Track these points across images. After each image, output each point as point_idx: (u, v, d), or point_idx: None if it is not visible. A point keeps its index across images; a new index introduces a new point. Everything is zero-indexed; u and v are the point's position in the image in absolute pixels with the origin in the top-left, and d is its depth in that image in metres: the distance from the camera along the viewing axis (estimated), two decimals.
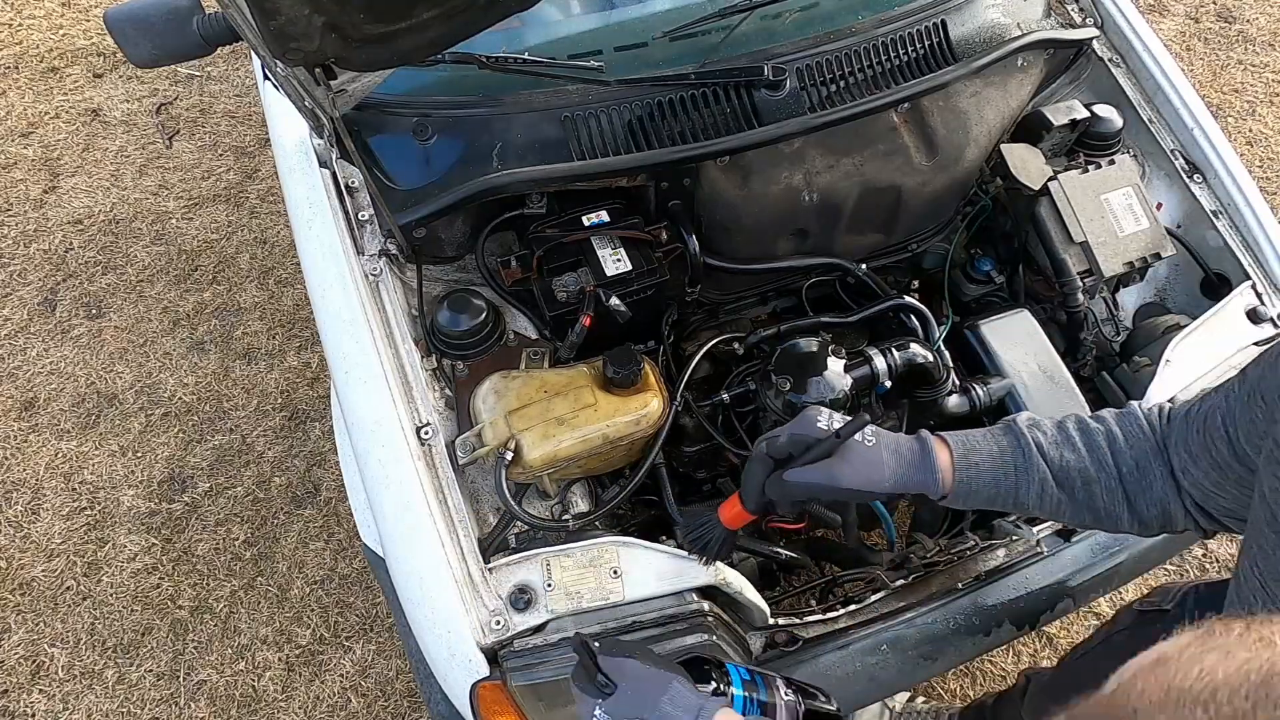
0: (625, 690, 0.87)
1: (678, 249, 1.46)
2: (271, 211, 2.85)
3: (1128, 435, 0.91)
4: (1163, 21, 3.48)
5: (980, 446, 0.95)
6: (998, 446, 0.95)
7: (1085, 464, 0.91)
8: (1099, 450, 0.91)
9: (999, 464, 0.93)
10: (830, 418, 0.97)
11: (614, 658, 0.89)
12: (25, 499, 2.25)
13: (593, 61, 1.36)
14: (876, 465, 0.94)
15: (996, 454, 0.94)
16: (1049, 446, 0.93)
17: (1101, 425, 0.93)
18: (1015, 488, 0.93)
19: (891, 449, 0.96)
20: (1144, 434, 0.90)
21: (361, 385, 1.25)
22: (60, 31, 3.38)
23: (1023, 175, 1.55)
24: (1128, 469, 0.90)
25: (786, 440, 0.96)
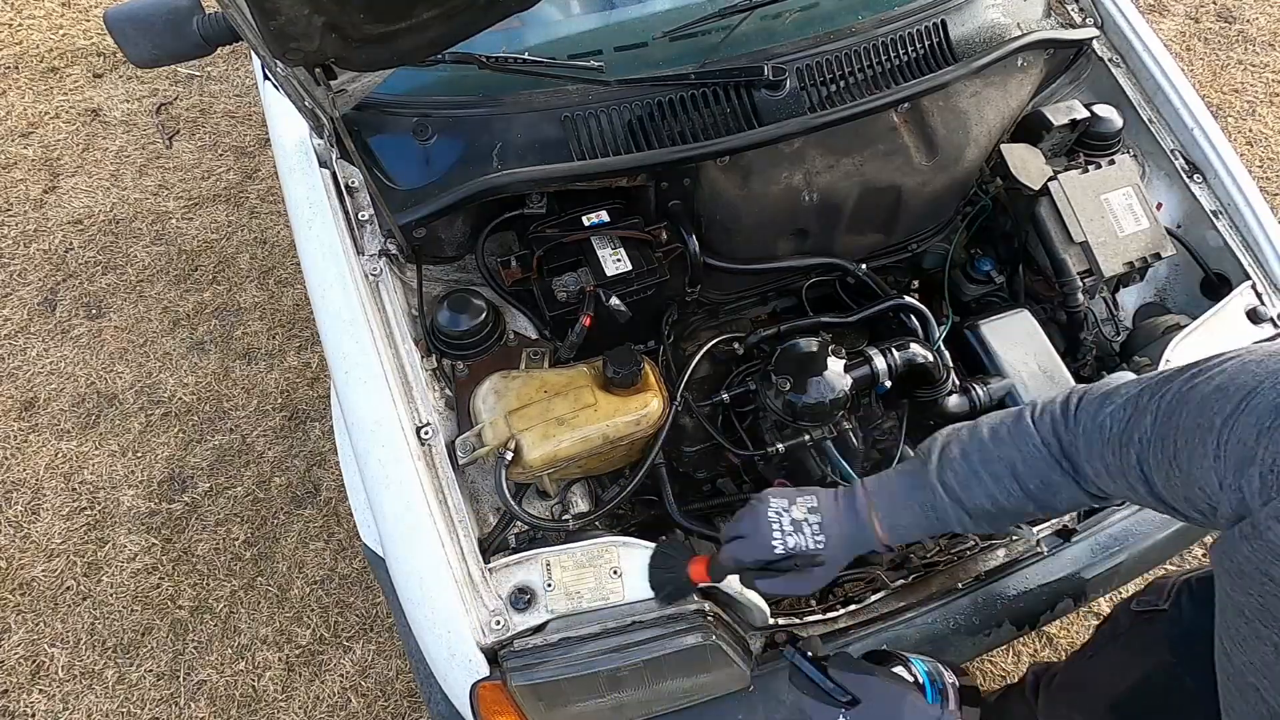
0: (869, 705, 0.96)
1: (678, 249, 1.46)
2: (271, 211, 2.85)
3: (1026, 458, 0.95)
4: (1163, 21, 3.48)
5: (900, 506, 1.01)
6: (916, 502, 1.01)
7: (994, 494, 0.96)
8: (1002, 480, 0.96)
9: (920, 517, 1.00)
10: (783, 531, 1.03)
11: (854, 674, 0.98)
12: (25, 499, 2.25)
13: (593, 61, 1.36)
14: (832, 564, 1.03)
15: (916, 511, 1.00)
16: (959, 487, 0.98)
17: (1000, 450, 0.97)
18: (945, 527, 1.00)
19: (838, 539, 1.03)
20: (1039, 453, 0.94)
21: (361, 385, 1.25)
22: (60, 31, 3.38)
23: (1023, 175, 1.55)
24: (1035, 487, 0.94)
25: (752, 560, 1.05)
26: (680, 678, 1.18)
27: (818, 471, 1.44)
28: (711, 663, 1.18)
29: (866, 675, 0.98)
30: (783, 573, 1.05)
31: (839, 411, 1.38)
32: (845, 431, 1.41)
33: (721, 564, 1.09)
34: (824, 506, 1.05)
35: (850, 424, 1.43)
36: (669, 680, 1.17)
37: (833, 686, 0.97)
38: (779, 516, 1.04)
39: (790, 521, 1.04)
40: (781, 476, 1.49)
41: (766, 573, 1.05)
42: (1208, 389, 0.76)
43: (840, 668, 1.00)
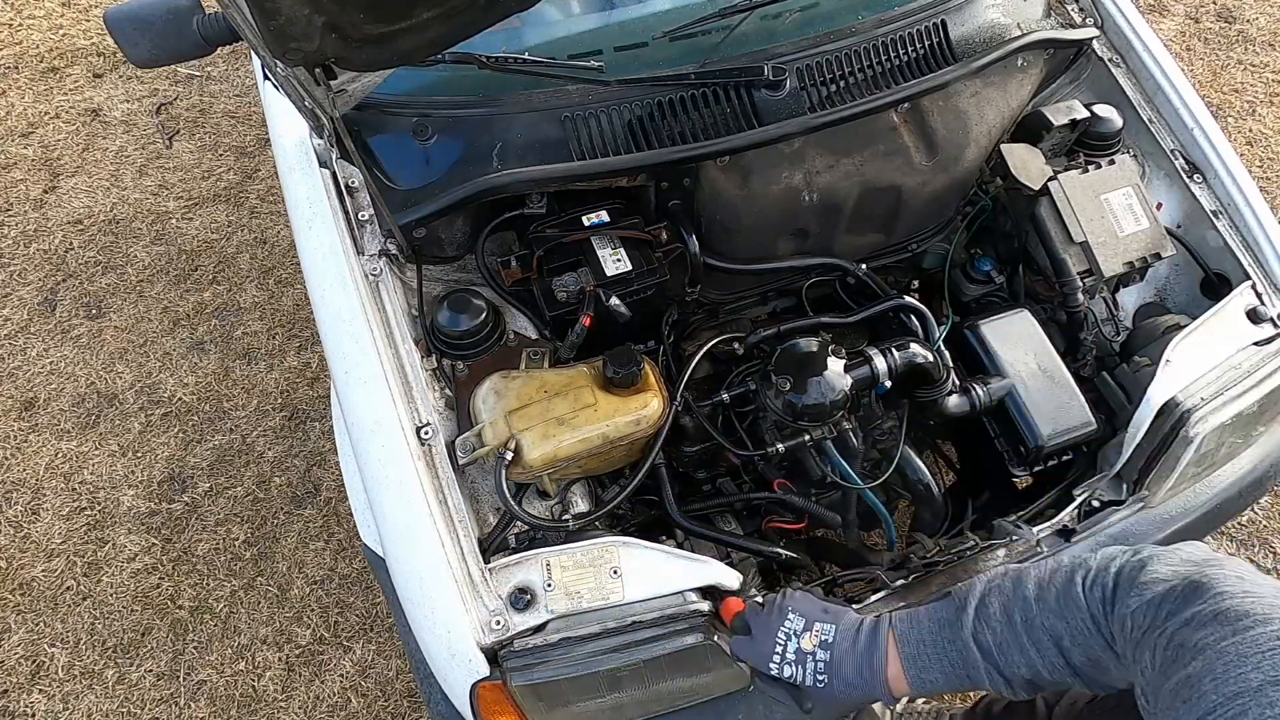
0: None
1: (678, 249, 1.46)
2: (271, 211, 2.85)
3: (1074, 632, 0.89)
4: (1163, 21, 3.48)
5: (931, 660, 0.97)
6: (949, 660, 0.96)
7: (1035, 665, 0.91)
8: (1046, 650, 0.90)
9: (952, 676, 0.96)
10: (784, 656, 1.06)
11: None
12: (25, 499, 2.25)
13: (593, 61, 1.36)
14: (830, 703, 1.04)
15: (948, 668, 0.96)
16: (996, 652, 0.93)
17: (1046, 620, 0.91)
18: (976, 687, 0.96)
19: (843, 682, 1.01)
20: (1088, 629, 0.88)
21: (361, 385, 1.25)
22: (60, 31, 3.38)
23: (1023, 175, 1.55)
24: (1081, 664, 0.89)
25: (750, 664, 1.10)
26: (680, 678, 1.18)
27: (817, 471, 1.44)
28: (711, 663, 1.18)
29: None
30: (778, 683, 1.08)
31: (839, 411, 1.38)
32: (845, 431, 1.41)
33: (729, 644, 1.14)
34: (838, 645, 1.03)
35: (850, 424, 1.43)
36: (669, 680, 1.17)
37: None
38: (786, 640, 1.06)
39: (795, 650, 1.05)
40: (781, 476, 1.49)
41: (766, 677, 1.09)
42: (1192, 669, 0.72)
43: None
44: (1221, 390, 1.38)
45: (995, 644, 0.93)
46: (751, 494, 1.49)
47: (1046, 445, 1.43)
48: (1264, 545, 2.20)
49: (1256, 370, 1.42)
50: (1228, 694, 0.68)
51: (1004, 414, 1.49)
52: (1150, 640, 0.79)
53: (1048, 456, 1.48)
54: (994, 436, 1.53)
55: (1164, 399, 1.36)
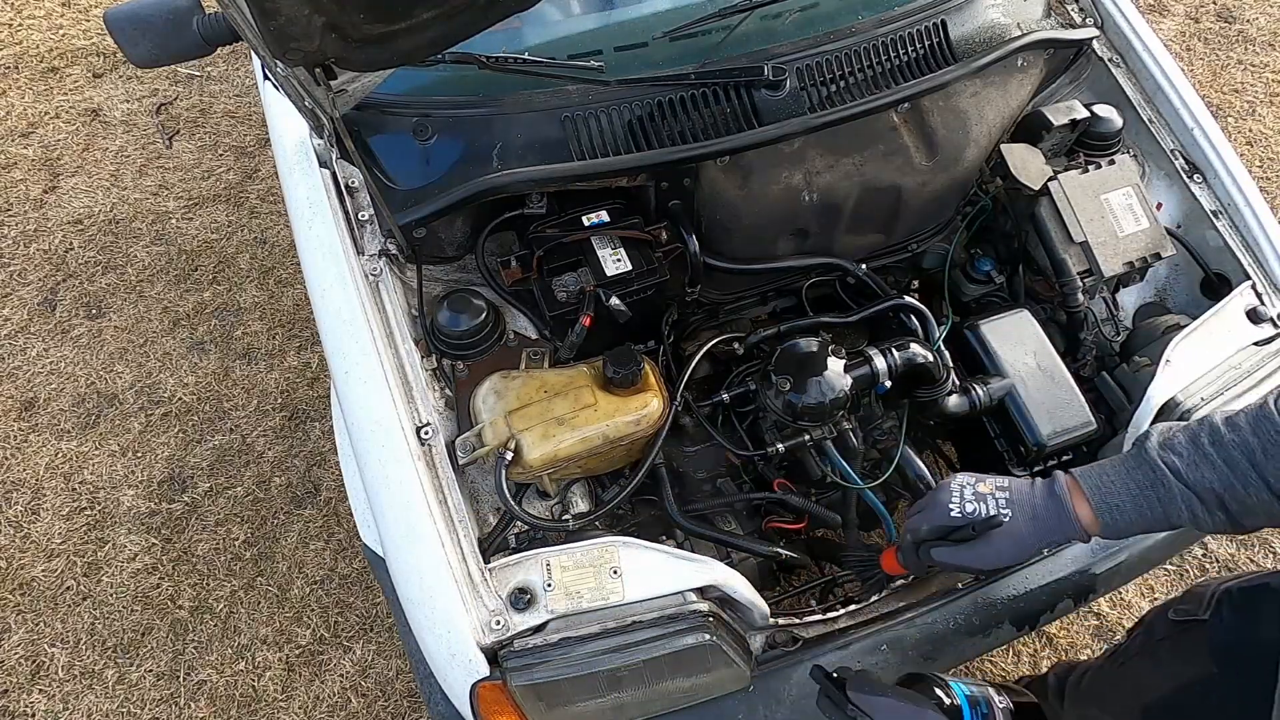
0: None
1: (678, 249, 1.46)
2: (271, 211, 2.85)
3: (1266, 445, 0.86)
4: (1163, 21, 3.48)
5: (1116, 486, 0.94)
6: (1134, 483, 0.93)
7: (1231, 481, 0.87)
8: (1238, 465, 0.87)
9: (1140, 500, 0.92)
10: (963, 499, 1.00)
11: (867, 695, 0.95)
12: (25, 499, 2.25)
13: (593, 61, 1.36)
14: (1017, 539, 0.97)
15: (1135, 491, 0.93)
16: (1186, 469, 0.90)
17: (1236, 435, 0.88)
18: (1165, 517, 0.92)
19: (1028, 515, 0.97)
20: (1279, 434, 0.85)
21: (361, 385, 1.25)
22: (60, 31, 3.38)
23: (1023, 175, 1.55)
24: (1274, 478, 0.86)
25: (928, 529, 1.03)
26: (680, 678, 1.18)
27: (817, 471, 1.44)
28: (711, 663, 1.18)
29: (879, 696, 0.96)
30: (963, 542, 1.01)
31: (839, 411, 1.38)
32: (845, 431, 1.41)
33: (902, 540, 1.07)
34: (1016, 485, 1.01)
35: (850, 424, 1.43)
36: (669, 680, 1.17)
37: (853, 710, 0.95)
38: (961, 489, 1.02)
39: (974, 493, 1.01)
40: (781, 476, 1.49)
41: (945, 543, 1.02)
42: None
43: (857, 688, 0.98)
44: (1221, 390, 1.38)
45: (1185, 465, 0.90)
46: (751, 494, 1.50)
47: (1046, 445, 1.43)
48: (1264, 545, 2.20)
49: (1256, 370, 1.42)
50: None
51: (1004, 414, 1.49)
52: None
53: (1048, 456, 1.48)
54: (994, 436, 1.53)
55: (1164, 399, 1.36)
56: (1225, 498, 0.88)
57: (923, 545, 1.06)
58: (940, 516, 1.02)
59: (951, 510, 1.01)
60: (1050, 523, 0.97)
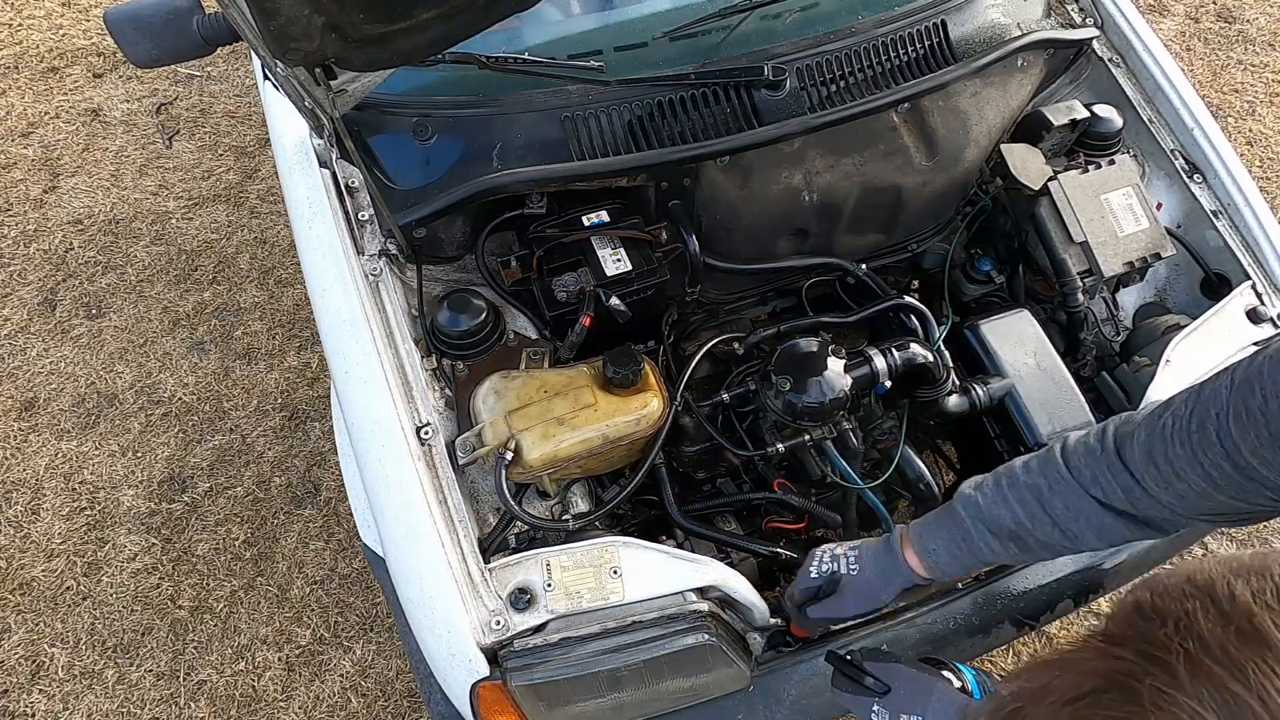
0: (899, 690, 1.00)
1: (678, 249, 1.46)
2: (271, 211, 2.85)
3: (1053, 484, 0.96)
4: (1163, 21, 3.48)
5: (931, 533, 1.05)
6: (944, 529, 1.04)
7: (1019, 518, 0.97)
8: (1028, 503, 0.97)
9: (949, 543, 1.02)
10: (820, 562, 1.13)
11: (883, 664, 1.04)
12: (25, 499, 2.25)
13: (593, 61, 1.36)
14: (865, 587, 1.09)
15: (945, 537, 1.03)
16: (986, 508, 1.00)
17: (1028, 477, 0.99)
18: (974, 554, 1.01)
19: (871, 565, 1.09)
20: (1066, 480, 0.95)
21: (361, 385, 1.25)
22: (60, 31, 3.38)
23: (1023, 175, 1.55)
24: (1060, 513, 0.95)
25: (798, 593, 1.15)
26: (680, 678, 1.18)
27: (817, 471, 1.44)
28: (711, 663, 1.18)
29: (894, 663, 1.03)
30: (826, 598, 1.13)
31: (839, 411, 1.38)
32: (845, 431, 1.41)
33: (787, 608, 1.20)
34: (865, 544, 1.12)
35: (850, 424, 1.43)
36: (669, 680, 1.17)
37: (870, 680, 1.02)
38: (820, 555, 1.14)
39: (830, 556, 1.13)
40: (781, 476, 1.49)
41: (812, 602, 1.14)
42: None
43: (871, 659, 1.05)
44: None
45: (984, 505, 1.00)
46: (751, 494, 1.49)
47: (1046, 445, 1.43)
48: (1264, 545, 2.20)
49: None
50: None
51: (1004, 414, 1.49)
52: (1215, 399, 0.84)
53: None
54: (994, 436, 1.53)
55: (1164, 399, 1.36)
56: (1018, 532, 0.97)
57: (800, 609, 1.16)
58: (803, 581, 1.14)
59: (810, 573, 1.13)
60: (888, 569, 1.07)
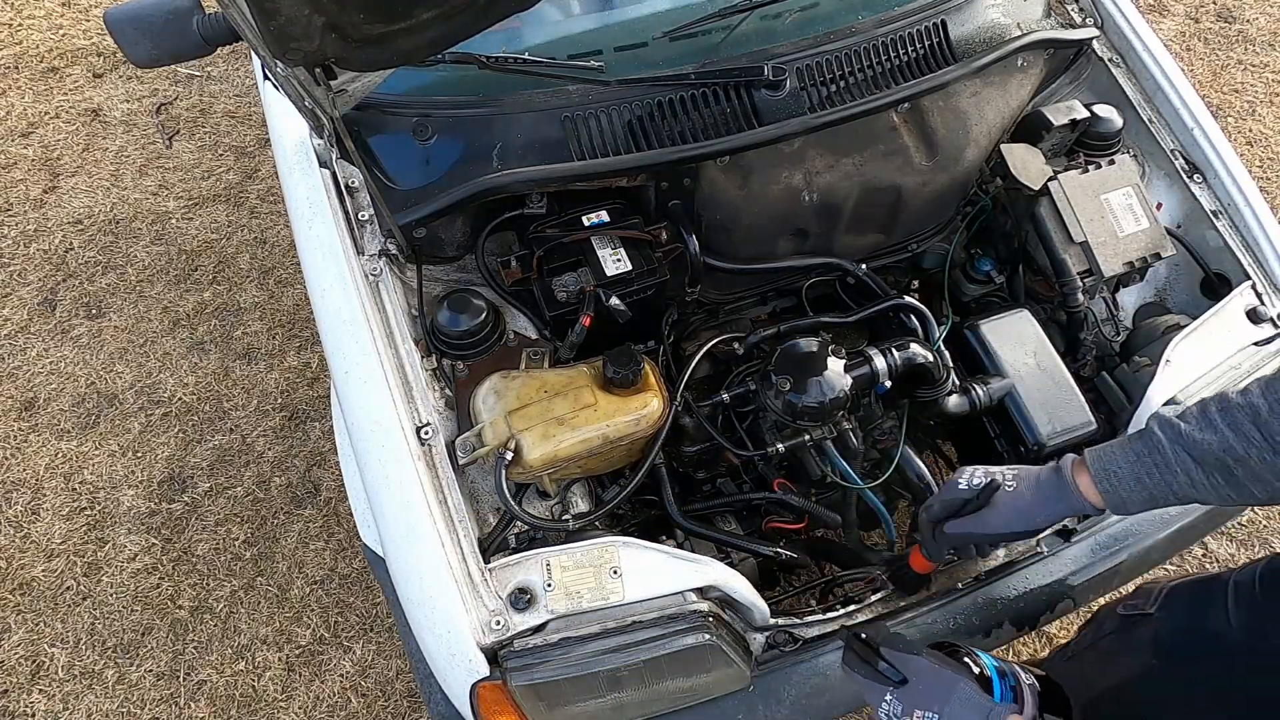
0: (917, 684, 0.95)
1: (678, 249, 1.46)
2: (271, 211, 2.85)
3: (1274, 405, 0.86)
4: (1163, 21, 3.48)
5: (1116, 454, 0.96)
6: (1133, 451, 0.95)
7: (1231, 442, 0.87)
8: (1241, 427, 0.87)
9: (1137, 466, 0.94)
10: (971, 476, 1.07)
11: (902, 653, 0.98)
12: (25, 499, 2.25)
13: (593, 61, 1.36)
14: (1021, 505, 1.02)
15: (1132, 458, 0.95)
16: (1187, 433, 0.91)
17: (1244, 399, 0.89)
18: (1166, 485, 0.92)
19: (1032, 487, 1.02)
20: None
21: (361, 385, 1.25)
22: (60, 31, 3.38)
23: (1023, 175, 1.55)
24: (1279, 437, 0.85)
25: (939, 506, 1.09)
26: (680, 678, 1.18)
27: (817, 471, 1.44)
28: (711, 663, 1.18)
29: (914, 655, 0.98)
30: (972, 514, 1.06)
31: (839, 411, 1.38)
32: (845, 431, 1.41)
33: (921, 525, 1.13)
34: (1025, 469, 1.05)
35: (850, 424, 1.43)
36: (669, 680, 1.17)
37: (885, 667, 0.98)
38: (972, 470, 1.07)
39: (983, 472, 1.06)
40: (781, 476, 1.49)
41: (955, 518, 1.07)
42: None
43: (890, 645, 1.01)
44: None
45: (1187, 429, 0.91)
46: (751, 494, 1.49)
47: (1046, 445, 1.43)
48: (1264, 545, 2.20)
49: (1256, 370, 1.42)
50: None
51: (1004, 414, 1.49)
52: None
53: (1048, 456, 1.47)
54: (994, 436, 1.53)
55: (1164, 399, 1.36)
56: (1225, 459, 0.87)
57: (938, 526, 1.10)
58: (950, 491, 1.08)
59: (959, 485, 1.07)
60: (1051, 491, 1.00)
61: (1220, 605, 1.07)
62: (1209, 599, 1.10)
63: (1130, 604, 1.24)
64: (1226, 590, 1.08)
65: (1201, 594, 1.12)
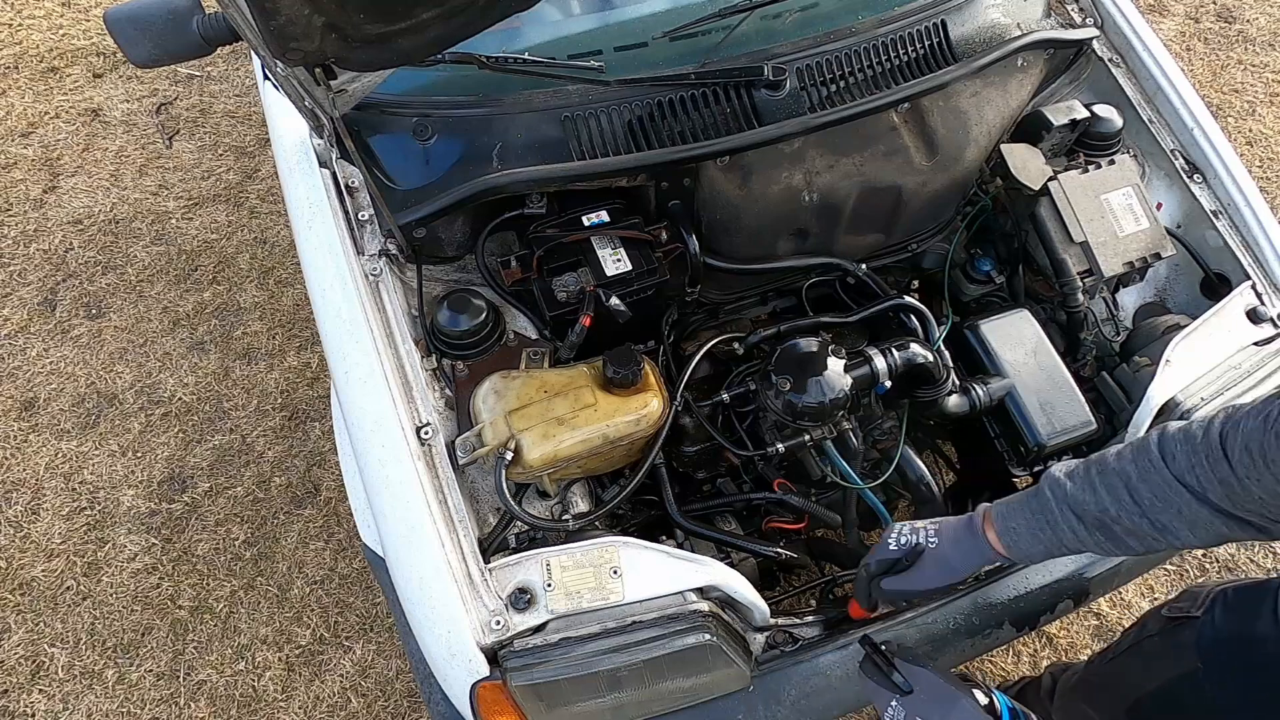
0: (920, 695, 1.02)
1: (678, 249, 1.46)
2: (271, 211, 2.85)
3: (1143, 473, 0.95)
4: (1163, 21, 3.48)
5: (1015, 513, 1.05)
6: (1029, 509, 1.03)
7: (1105, 505, 0.96)
8: (1116, 490, 0.96)
9: (1033, 523, 1.02)
10: (899, 535, 1.14)
11: (911, 665, 1.05)
12: (25, 499, 2.25)
13: (593, 61, 1.36)
14: (943, 561, 1.09)
15: (1029, 516, 1.03)
16: (1072, 493, 0.99)
17: (1119, 464, 0.98)
18: (1057, 539, 1.01)
19: (950, 541, 1.10)
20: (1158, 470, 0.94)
21: (361, 385, 1.25)
22: (60, 31, 3.37)
23: (1023, 175, 1.55)
24: (1148, 501, 0.94)
25: (875, 564, 1.17)
26: (680, 678, 1.18)
27: (818, 471, 1.44)
28: (711, 663, 1.18)
29: (922, 668, 1.04)
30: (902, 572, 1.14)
31: (839, 411, 1.38)
32: (845, 431, 1.42)
33: (857, 579, 1.21)
34: (944, 521, 1.14)
35: (850, 424, 1.43)
36: (669, 680, 1.17)
37: (898, 676, 1.04)
38: (899, 529, 1.15)
39: (910, 529, 1.14)
40: (781, 476, 1.49)
41: (888, 575, 1.15)
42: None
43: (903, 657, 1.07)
44: (1221, 390, 1.38)
45: (1072, 489, 0.99)
46: (751, 494, 1.49)
47: (1046, 445, 1.43)
48: (1264, 545, 2.20)
49: (1256, 370, 1.42)
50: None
51: (1004, 414, 1.49)
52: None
53: (1048, 456, 1.48)
54: (994, 436, 1.53)
55: (1164, 399, 1.36)
56: (1103, 520, 0.96)
57: (873, 581, 1.17)
58: (881, 552, 1.15)
59: (889, 545, 1.14)
60: (967, 545, 1.08)
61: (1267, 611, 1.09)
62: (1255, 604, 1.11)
63: (1176, 606, 1.25)
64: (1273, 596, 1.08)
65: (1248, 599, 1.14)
